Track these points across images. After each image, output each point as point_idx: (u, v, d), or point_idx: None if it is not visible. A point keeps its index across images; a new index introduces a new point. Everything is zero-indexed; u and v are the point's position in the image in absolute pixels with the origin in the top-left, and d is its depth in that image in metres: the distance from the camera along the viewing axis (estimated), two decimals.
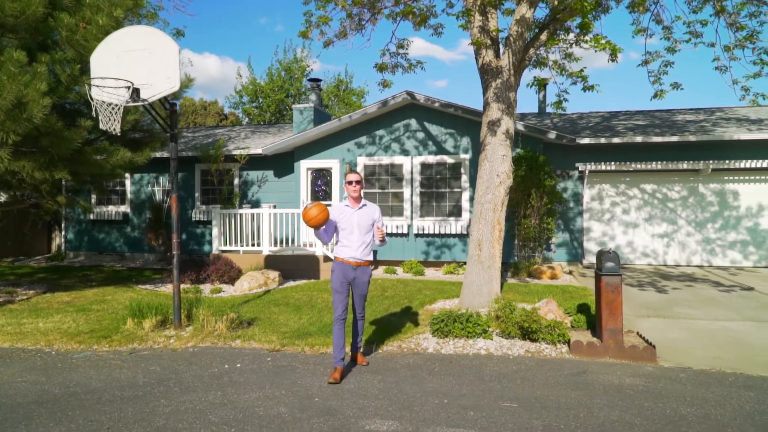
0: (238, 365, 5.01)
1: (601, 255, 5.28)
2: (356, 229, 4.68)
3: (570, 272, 11.25)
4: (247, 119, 27.11)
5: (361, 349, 5.17)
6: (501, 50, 7.43)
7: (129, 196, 14.27)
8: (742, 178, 11.62)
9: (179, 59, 5.82)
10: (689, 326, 6.50)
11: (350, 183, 4.74)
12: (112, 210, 14.29)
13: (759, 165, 11.15)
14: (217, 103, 32.55)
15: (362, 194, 4.72)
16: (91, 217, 14.17)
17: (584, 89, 7.24)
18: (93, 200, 14.12)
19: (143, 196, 14.19)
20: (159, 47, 5.87)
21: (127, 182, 14.20)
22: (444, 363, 5.03)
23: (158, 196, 13.99)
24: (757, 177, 11.54)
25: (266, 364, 5.03)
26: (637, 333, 5.79)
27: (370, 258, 4.86)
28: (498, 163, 7.01)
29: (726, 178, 11.67)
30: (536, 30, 7.65)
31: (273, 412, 3.83)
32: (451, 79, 61.48)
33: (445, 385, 4.38)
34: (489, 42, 7.06)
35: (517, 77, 7.15)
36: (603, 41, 6.93)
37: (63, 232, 14.73)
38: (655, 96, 8.05)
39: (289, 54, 26.85)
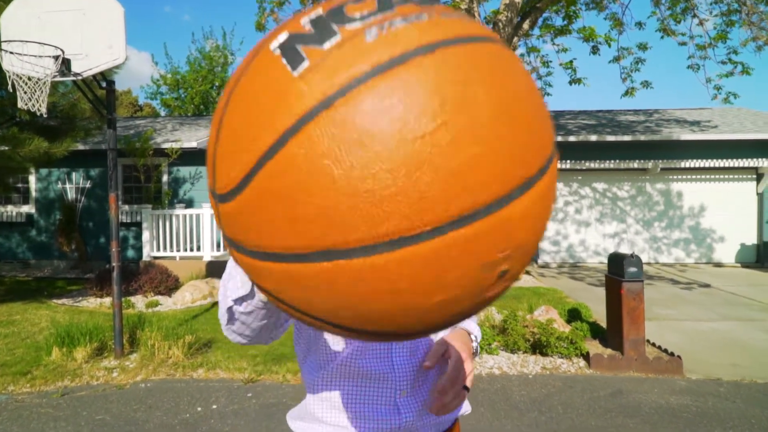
0: (214, 406, 4.01)
1: (622, 259, 4.85)
2: None
3: (527, 272, 11.04)
4: (165, 111, 24.86)
5: None
6: None
7: (34, 194, 12.26)
8: (686, 177, 12.00)
9: (125, 25, 4.67)
10: (678, 328, 6.31)
11: None
12: (12, 210, 12.21)
13: (702, 165, 11.54)
14: (131, 92, 29.72)
15: None
16: None
17: (571, 82, 6.87)
18: None
19: (52, 195, 12.25)
20: (97, 8, 4.68)
21: (32, 178, 12.18)
22: None
23: (70, 195, 12.13)
24: (700, 176, 11.97)
25: (249, 404, 4.08)
26: (647, 340, 5.46)
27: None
28: None
29: (671, 177, 12.00)
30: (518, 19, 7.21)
31: None
32: None
33: (482, 420, 3.70)
34: None
35: None
36: (587, 31, 6.63)
37: None
38: (626, 93, 7.91)
39: (203, 43, 24.92)
